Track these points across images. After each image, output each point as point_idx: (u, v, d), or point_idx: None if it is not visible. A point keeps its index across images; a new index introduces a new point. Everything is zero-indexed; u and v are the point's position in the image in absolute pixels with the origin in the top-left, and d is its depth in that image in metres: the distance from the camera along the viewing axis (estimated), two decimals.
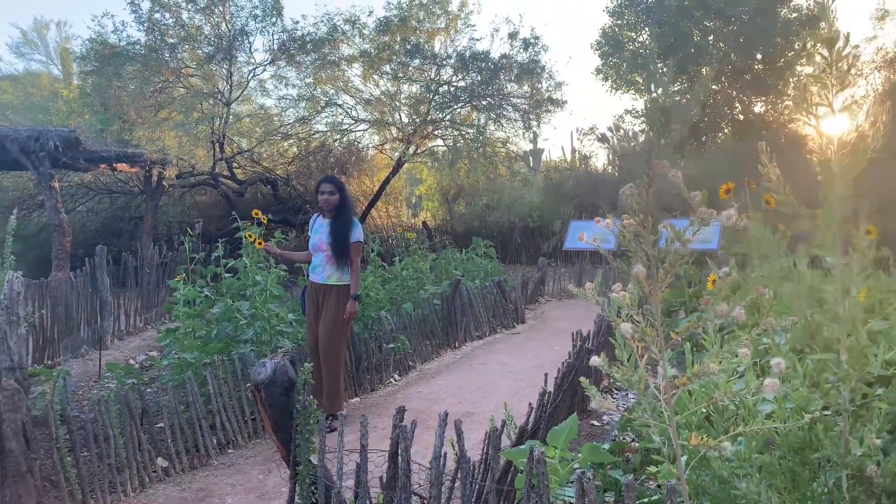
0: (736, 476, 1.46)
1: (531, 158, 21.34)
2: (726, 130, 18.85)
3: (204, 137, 12.98)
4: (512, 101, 14.42)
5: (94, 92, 11.85)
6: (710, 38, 18.22)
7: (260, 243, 5.35)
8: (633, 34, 19.07)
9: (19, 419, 3.43)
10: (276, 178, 15.03)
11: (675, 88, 19.80)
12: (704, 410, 1.58)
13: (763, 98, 18.33)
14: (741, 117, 18.73)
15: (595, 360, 1.52)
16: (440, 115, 14.76)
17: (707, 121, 19.05)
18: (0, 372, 3.42)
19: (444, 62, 14.41)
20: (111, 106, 11.30)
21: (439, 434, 2.00)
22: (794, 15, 16.84)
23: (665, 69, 19.63)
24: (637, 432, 4.33)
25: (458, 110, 15.15)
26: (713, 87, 19.03)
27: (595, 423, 5.04)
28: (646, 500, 2.80)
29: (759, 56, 18.17)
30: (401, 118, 15.14)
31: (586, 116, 50.50)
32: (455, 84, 14.48)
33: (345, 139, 15.68)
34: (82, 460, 3.83)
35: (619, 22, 18.41)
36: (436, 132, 15.60)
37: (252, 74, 13.88)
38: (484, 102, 14.62)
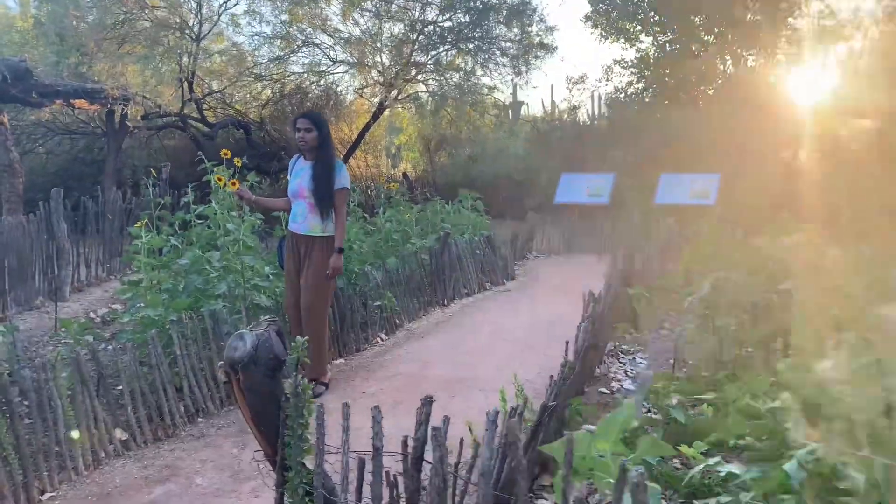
0: None
1: (510, 111, 20.65)
2: (718, 83, 18.29)
3: (171, 75, 12.08)
4: (500, 45, 13.68)
5: (48, 21, 10.86)
6: None
7: (233, 184, 4.74)
8: None
9: None
10: (250, 123, 14.20)
11: (668, 38, 19.15)
12: None
13: (755, 51, 17.76)
14: (731, 70, 18.17)
15: None
16: (424, 58, 13.99)
17: (697, 74, 18.46)
18: None
19: (430, 0, 13.58)
20: (68, 37, 10.35)
21: (488, 439, 1.49)
22: None
23: (657, 19, 18.94)
24: (657, 405, 3.89)
25: (444, 54, 14.38)
26: (705, 38, 18.41)
27: (604, 390, 4.60)
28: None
29: (754, 6, 17.54)
30: (382, 60, 14.33)
31: (576, 65, 48.36)
32: (441, 24, 13.67)
33: (322, 82, 14.85)
34: (25, 434, 3.27)
35: None
36: (419, 77, 14.84)
37: (223, 8, 12.94)
38: (471, 45, 13.86)
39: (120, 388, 3.90)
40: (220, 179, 5.31)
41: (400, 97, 14.98)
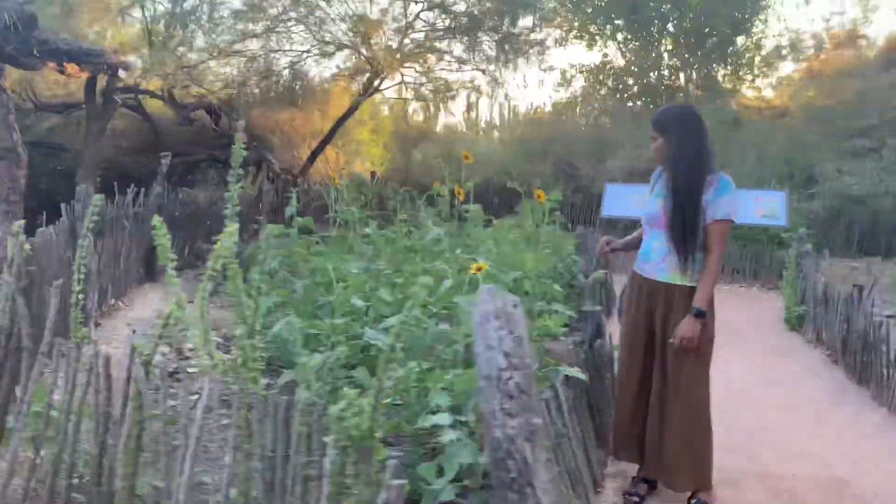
0: None
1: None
2: (683, 96, 18.17)
3: (136, 41, 9.78)
4: (490, 34, 12.61)
5: None
6: None
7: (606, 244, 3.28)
8: None
9: None
10: (215, 105, 12.02)
11: (632, 46, 18.77)
12: None
13: (722, 64, 17.81)
14: (698, 83, 18.10)
15: None
16: (416, 44, 12.58)
17: (665, 85, 18.19)
18: None
19: None
20: None
21: None
22: None
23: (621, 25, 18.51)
24: None
25: (434, 42, 13.01)
26: (671, 48, 18.20)
27: None
28: None
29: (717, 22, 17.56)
30: (368, 43, 12.64)
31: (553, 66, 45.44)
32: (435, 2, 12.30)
33: (297, 65, 12.95)
34: None
35: None
36: (404, 66, 13.33)
37: None
38: (461, 33, 12.64)
39: None
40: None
41: (382, 87, 13.42)
